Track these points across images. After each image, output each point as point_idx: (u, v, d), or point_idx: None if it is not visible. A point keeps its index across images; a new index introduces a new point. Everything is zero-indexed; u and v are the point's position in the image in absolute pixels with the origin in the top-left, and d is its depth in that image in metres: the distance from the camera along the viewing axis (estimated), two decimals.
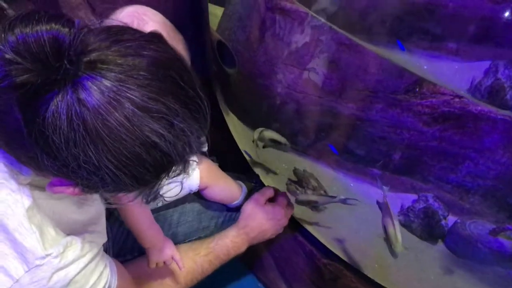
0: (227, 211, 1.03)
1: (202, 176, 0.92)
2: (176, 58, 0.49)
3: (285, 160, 1.18)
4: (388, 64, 0.89)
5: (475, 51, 0.85)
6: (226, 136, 1.30)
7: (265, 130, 1.08)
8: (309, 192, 1.11)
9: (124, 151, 0.45)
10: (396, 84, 0.88)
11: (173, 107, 0.46)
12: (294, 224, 1.16)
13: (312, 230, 1.14)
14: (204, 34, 1.25)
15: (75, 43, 0.42)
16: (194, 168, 0.91)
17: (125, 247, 0.91)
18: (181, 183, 0.90)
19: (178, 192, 0.90)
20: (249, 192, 1.03)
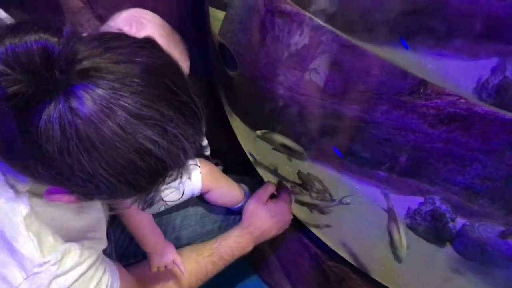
0: (231, 214, 1.02)
1: (204, 180, 0.91)
2: (169, 63, 0.49)
3: (289, 162, 1.17)
4: (392, 65, 0.87)
5: (482, 48, 0.82)
6: (231, 138, 1.29)
7: (276, 134, 1.06)
8: (314, 195, 1.10)
9: (118, 158, 0.44)
10: (400, 85, 0.87)
11: (166, 113, 0.46)
12: (299, 226, 1.16)
13: (317, 232, 1.13)
14: (206, 36, 1.24)
15: (64, 52, 0.42)
16: (196, 172, 0.91)
17: (129, 251, 0.91)
18: (183, 187, 0.90)
19: (180, 196, 0.90)
20: (252, 192, 1.02)
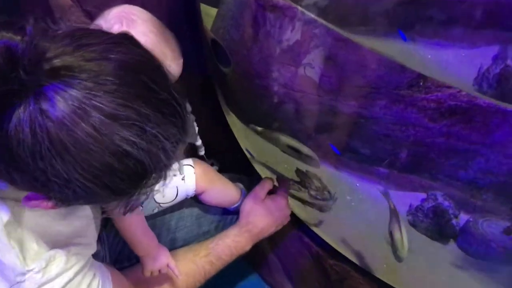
0: (227, 214, 1.00)
1: (198, 181, 0.89)
2: (147, 59, 0.47)
3: (286, 160, 1.14)
4: (389, 58, 0.84)
5: (482, 36, 0.79)
6: (229, 136, 1.27)
7: (282, 134, 1.02)
8: (313, 193, 1.07)
9: (94, 162, 0.42)
10: (398, 78, 0.84)
11: (144, 112, 0.43)
12: (299, 224, 1.13)
13: (318, 230, 1.11)
14: (200, 32, 1.22)
15: (29, 51, 0.39)
16: (190, 173, 0.89)
17: (123, 254, 0.89)
18: (176, 188, 0.87)
19: (174, 198, 0.88)
20: (249, 191, 1.00)
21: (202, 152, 0.99)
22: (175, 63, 0.78)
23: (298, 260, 1.16)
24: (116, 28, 0.72)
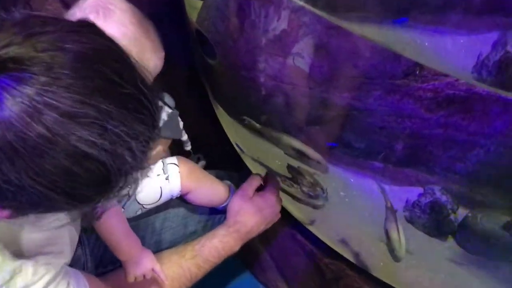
0: (216, 213, 0.96)
1: (184, 180, 0.84)
2: (109, 49, 0.42)
3: (278, 155, 1.10)
4: (384, 46, 0.79)
5: (482, 22, 0.74)
6: (219, 129, 1.23)
7: (285, 134, 0.97)
8: (305, 190, 1.03)
9: (49, 166, 0.37)
10: (394, 67, 0.79)
11: (104, 109, 0.39)
12: (292, 222, 1.10)
13: (311, 228, 1.07)
14: (186, 24, 1.17)
15: None
16: (174, 172, 0.84)
17: (105, 257, 0.85)
18: (160, 188, 0.83)
19: (158, 199, 0.83)
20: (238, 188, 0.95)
21: (188, 147, 0.94)
22: (155, 56, 0.73)
23: (291, 259, 1.13)
24: (92, 18, 0.67)
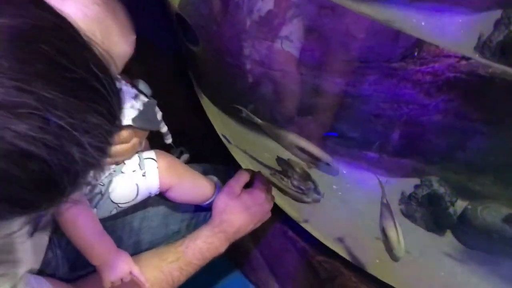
0: (201, 210, 0.89)
1: (162, 176, 0.77)
2: (54, 26, 0.34)
3: (268, 147, 1.03)
4: (380, 26, 0.72)
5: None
6: (205, 120, 1.17)
7: (291, 133, 0.89)
8: (295, 183, 0.97)
9: None
10: (391, 49, 0.72)
11: (46, 97, 0.32)
12: (283, 218, 1.04)
13: (303, 224, 1.02)
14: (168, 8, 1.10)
15: None
16: (151, 167, 0.76)
17: (80, 260, 0.77)
18: (136, 186, 0.75)
19: (134, 197, 0.76)
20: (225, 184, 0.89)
21: (168, 140, 0.87)
22: (123, 40, 0.66)
23: (283, 257, 1.07)
24: None
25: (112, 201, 0.74)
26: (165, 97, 0.95)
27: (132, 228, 0.82)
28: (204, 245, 0.80)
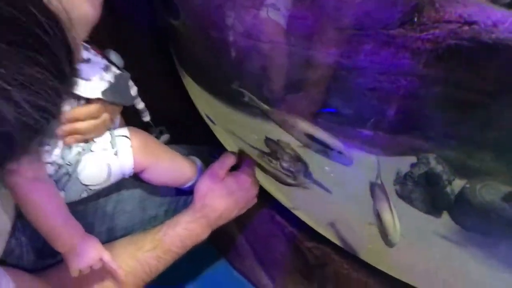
0: (181, 194, 0.82)
1: (137, 156, 0.70)
2: None
3: (256, 128, 0.97)
4: None
5: None
6: (186, 99, 1.10)
7: (301, 119, 0.81)
8: (285, 165, 0.91)
9: None
10: (388, 14, 0.66)
11: None
12: (270, 202, 0.98)
13: (292, 208, 0.96)
14: None
15: None
16: (124, 145, 0.69)
17: (47, 248, 0.70)
18: (108, 166, 0.68)
19: (106, 178, 0.69)
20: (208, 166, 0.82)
21: (146, 118, 0.80)
22: (87, 2, 0.59)
23: (270, 243, 1.02)
24: None
25: (81, 182, 0.67)
26: (144, 75, 0.89)
27: (105, 213, 0.75)
28: (184, 231, 0.74)
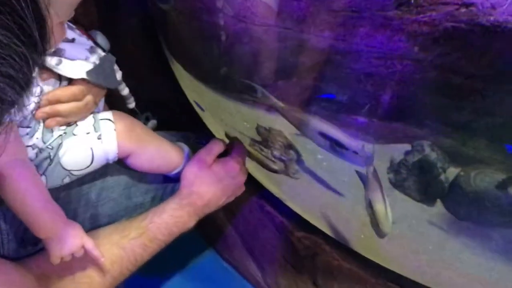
0: (169, 182, 0.79)
1: (121, 140, 0.67)
2: None
3: (247, 117, 0.95)
4: None
5: None
6: (175, 86, 1.07)
7: (315, 117, 0.77)
8: (276, 154, 0.88)
9: None
10: None
11: None
12: (259, 191, 0.96)
13: (283, 197, 0.95)
14: None
15: None
16: (108, 129, 0.66)
17: (27, 237, 0.67)
18: (91, 150, 0.65)
19: (89, 164, 0.66)
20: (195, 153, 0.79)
21: (131, 105, 0.76)
22: None
23: (260, 234, 1.00)
24: None
25: (63, 167, 0.64)
26: (131, 60, 0.86)
27: (89, 199, 0.72)
28: (170, 219, 0.72)
